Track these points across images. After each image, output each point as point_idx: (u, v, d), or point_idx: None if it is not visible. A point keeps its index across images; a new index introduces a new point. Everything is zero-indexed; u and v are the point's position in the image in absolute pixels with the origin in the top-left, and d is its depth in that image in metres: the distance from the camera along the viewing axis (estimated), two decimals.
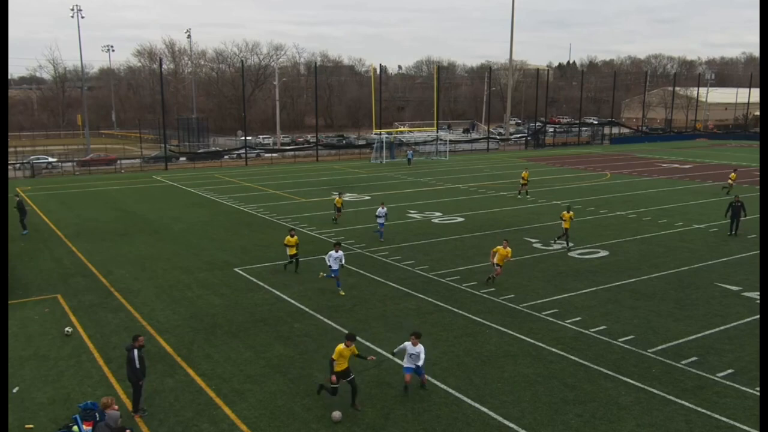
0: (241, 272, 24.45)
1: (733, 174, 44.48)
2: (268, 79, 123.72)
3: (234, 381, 15.10)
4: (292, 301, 20.82)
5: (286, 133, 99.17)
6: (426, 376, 14.77)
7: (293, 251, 23.94)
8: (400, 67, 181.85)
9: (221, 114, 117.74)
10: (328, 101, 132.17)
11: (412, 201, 40.42)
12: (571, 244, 27.80)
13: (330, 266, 21.45)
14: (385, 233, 30.75)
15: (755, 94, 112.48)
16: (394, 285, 22.53)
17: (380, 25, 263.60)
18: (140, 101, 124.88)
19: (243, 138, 73.18)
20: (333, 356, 13.59)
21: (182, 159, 69.05)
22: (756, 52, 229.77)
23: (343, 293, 21.33)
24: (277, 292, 21.85)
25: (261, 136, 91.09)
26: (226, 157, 70.59)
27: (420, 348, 14.41)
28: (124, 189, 47.98)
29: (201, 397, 14.37)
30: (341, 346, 13.62)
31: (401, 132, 79.53)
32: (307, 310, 20.04)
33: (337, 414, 13.21)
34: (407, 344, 14.55)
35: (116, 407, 11.84)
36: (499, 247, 22.56)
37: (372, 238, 29.66)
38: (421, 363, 14.42)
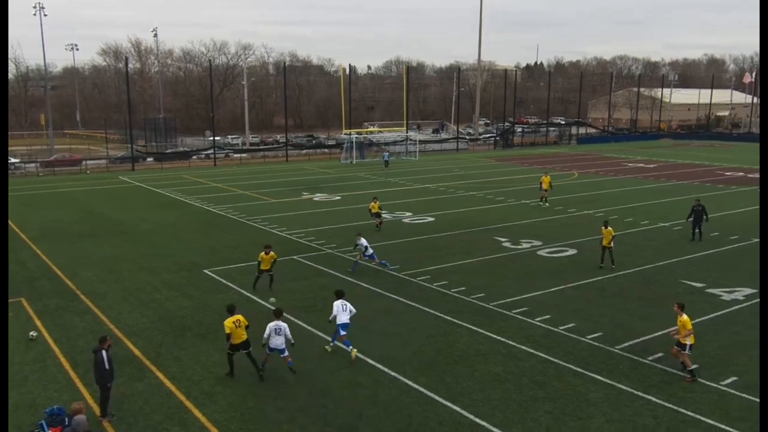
0: (210, 273, 24.22)
1: None
2: (236, 78, 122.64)
3: (204, 383, 14.95)
4: (262, 302, 20.67)
5: (255, 133, 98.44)
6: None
7: (267, 266, 22.01)
8: (369, 67, 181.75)
9: (189, 114, 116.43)
10: (297, 101, 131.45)
11: (382, 201, 40.26)
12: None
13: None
14: (352, 231, 30.67)
15: (717, 95, 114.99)
16: (364, 285, 22.52)
17: (349, 25, 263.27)
18: (106, 100, 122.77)
19: (211, 138, 72.47)
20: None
21: (149, 159, 68.13)
22: (717, 53, 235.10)
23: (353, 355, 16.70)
24: (247, 293, 21.69)
25: (230, 136, 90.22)
26: (194, 157, 69.83)
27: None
28: (90, 190, 47.16)
29: (170, 400, 14.20)
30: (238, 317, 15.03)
31: (371, 132, 79.53)
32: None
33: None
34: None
35: (85, 412, 11.64)
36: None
37: (343, 238, 29.60)
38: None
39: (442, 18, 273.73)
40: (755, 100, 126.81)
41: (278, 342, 15.16)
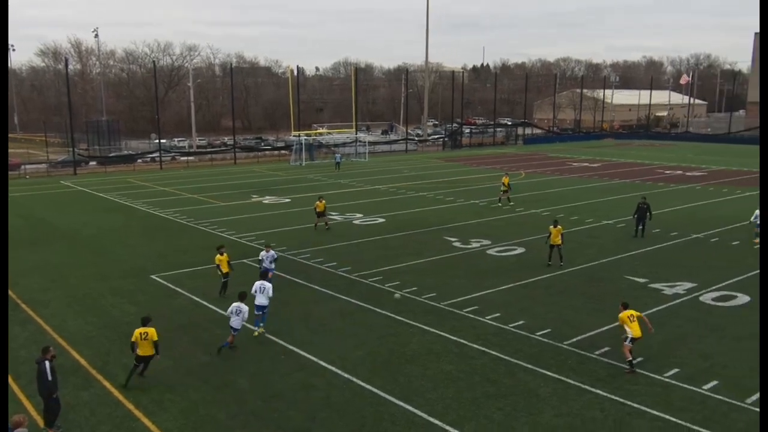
0: (157, 279, 23.75)
1: None
2: (181, 80, 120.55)
3: (153, 391, 14.66)
4: (213, 307, 20.41)
5: (202, 135, 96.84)
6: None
7: (226, 269, 21.36)
8: (317, 68, 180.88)
9: (133, 116, 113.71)
10: (244, 103, 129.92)
11: (332, 203, 40.33)
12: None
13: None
14: (306, 234, 30.64)
15: (656, 96, 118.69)
16: (316, 287, 22.46)
17: (296, 27, 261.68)
18: (45, 102, 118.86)
19: (157, 141, 71.02)
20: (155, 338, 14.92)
21: (92, 163, 66.28)
22: (656, 55, 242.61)
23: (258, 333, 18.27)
24: (197, 298, 21.36)
25: (176, 139, 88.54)
26: (139, 160, 68.30)
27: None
28: (30, 195, 45.63)
29: (119, 409, 13.87)
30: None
31: (320, 134, 79.27)
32: (227, 315, 19.62)
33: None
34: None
35: (26, 425, 11.27)
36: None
37: (293, 240, 29.44)
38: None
39: (388, 19, 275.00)
40: (692, 100, 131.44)
41: (235, 322, 16.70)
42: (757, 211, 28.36)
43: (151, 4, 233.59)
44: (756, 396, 14.15)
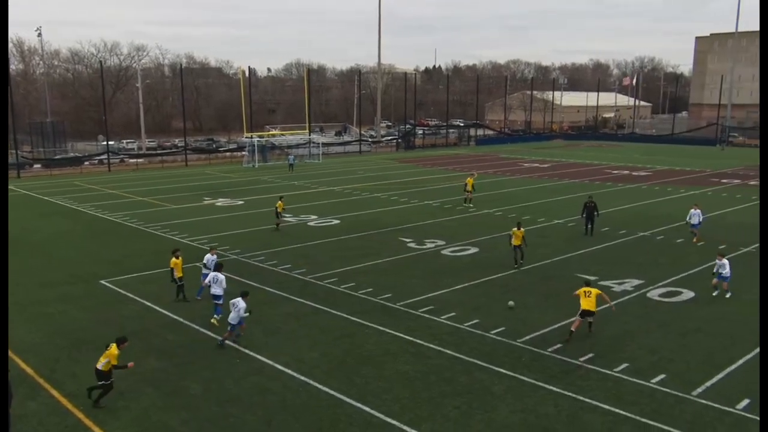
0: (107, 284, 23.19)
1: None
2: (130, 80, 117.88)
3: (103, 399, 14.30)
4: (165, 312, 20.05)
5: (151, 137, 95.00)
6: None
7: (180, 274, 20.99)
8: (269, 69, 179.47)
9: (79, 117, 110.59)
10: (195, 104, 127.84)
11: (287, 204, 40.06)
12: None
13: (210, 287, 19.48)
14: (260, 237, 30.38)
15: (603, 98, 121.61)
16: (270, 290, 22.28)
17: (247, 27, 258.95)
18: None
19: (105, 143, 69.35)
20: (114, 362, 13.90)
21: (37, 166, 64.28)
22: (602, 58, 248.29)
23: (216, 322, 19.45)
24: (148, 303, 20.94)
25: (125, 141, 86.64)
26: (86, 163, 66.57)
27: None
28: None
29: (68, 419, 13.50)
30: (116, 350, 14.02)
31: (273, 135, 78.64)
32: (181, 320, 19.37)
33: None
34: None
35: None
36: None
37: (247, 243, 29.15)
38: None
39: (340, 20, 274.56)
40: (637, 102, 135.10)
41: (231, 317, 16.98)
42: (692, 211, 29.27)
43: (97, 3, 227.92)
44: (702, 388, 14.64)
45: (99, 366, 13.96)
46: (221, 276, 19.23)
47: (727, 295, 21.10)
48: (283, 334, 18.22)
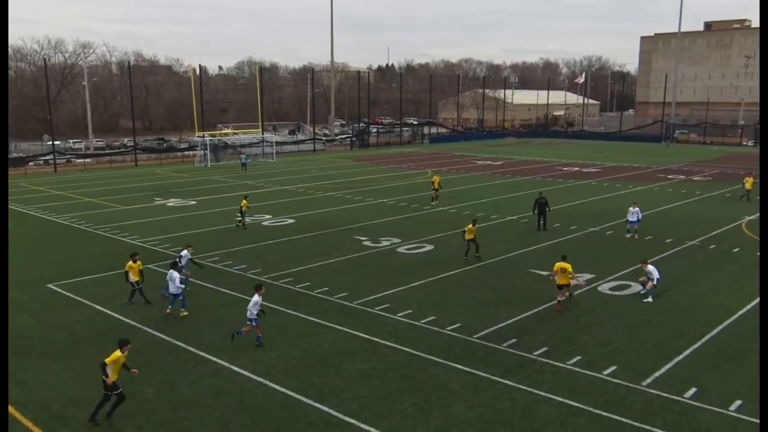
0: (55, 288, 22.55)
1: (749, 179, 40.89)
2: (76, 78, 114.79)
3: (54, 406, 13.92)
4: (117, 316, 19.61)
5: (99, 136, 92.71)
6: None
7: (137, 277, 20.51)
8: (220, 67, 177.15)
9: (22, 116, 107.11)
10: (145, 102, 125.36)
11: (239, 204, 39.63)
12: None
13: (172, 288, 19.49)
14: (214, 237, 30.00)
15: (553, 96, 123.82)
16: (226, 291, 22.02)
17: (198, 25, 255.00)
18: None
19: (50, 142, 67.37)
20: (108, 361, 13.25)
21: None
22: (552, 57, 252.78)
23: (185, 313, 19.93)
24: (99, 307, 20.44)
25: (71, 141, 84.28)
26: (31, 163, 64.53)
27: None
28: None
29: (15, 428, 13.08)
30: (120, 353, 13.38)
31: (226, 134, 77.65)
32: (133, 323, 18.97)
33: None
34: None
35: None
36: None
37: (201, 244, 28.71)
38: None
39: (292, 18, 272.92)
40: (586, 100, 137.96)
41: (249, 313, 17.21)
42: (631, 209, 29.94)
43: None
44: (651, 379, 15.06)
45: (104, 377, 13.27)
46: (176, 274, 19.46)
47: (648, 299, 20.84)
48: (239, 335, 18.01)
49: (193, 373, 15.62)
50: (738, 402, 13.89)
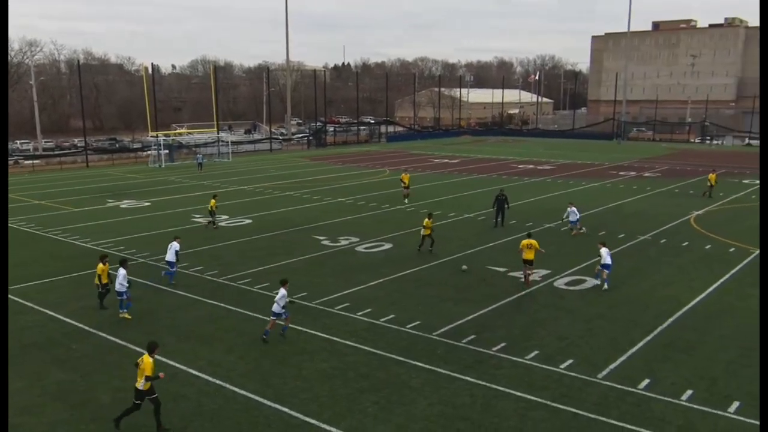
0: None
1: (712, 175, 41.94)
2: (22, 78, 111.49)
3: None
4: (69, 320, 19.12)
5: (48, 137, 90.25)
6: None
7: (106, 280, 20.13)
8: (174, 66, 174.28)
9: None
10: (95, 102, 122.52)
11: (196, 205, 39.11)
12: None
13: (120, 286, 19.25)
14: (170, 239, 29.47)
15: (508, 95, 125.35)
16: (182, 293, 21.67)
17: (149, 23, 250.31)
18: None
19: None
20: (148, 372, 12.76)
21: None
22: (506, 56, 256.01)
23: (129, 317, 19.79)
24: (50, 312, 19.89)
25: (18, 141, 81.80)
26: None
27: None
28: None
29: None
30: (149, 358, 12.90)
31: (180, 134, 76.43)
32: (86, 328, 18.53)
33: None
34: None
35: None
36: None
37: (155, 246, 28.21)
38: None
39: (246, 17, 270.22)
40: (540, 99, 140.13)
41: (274, 307, 17.31)
42: (569, 209, 30.53)
43: None
44: (606, 371, 15.40)
45: (139, 386, 12.83)
46: (122, 271, 19.18)
47: (604, 287, 21.62)
48: (196, 338, 17.76)
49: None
50: (689, 391, 14.31)
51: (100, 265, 20.13)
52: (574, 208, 30.48)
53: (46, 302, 20.76)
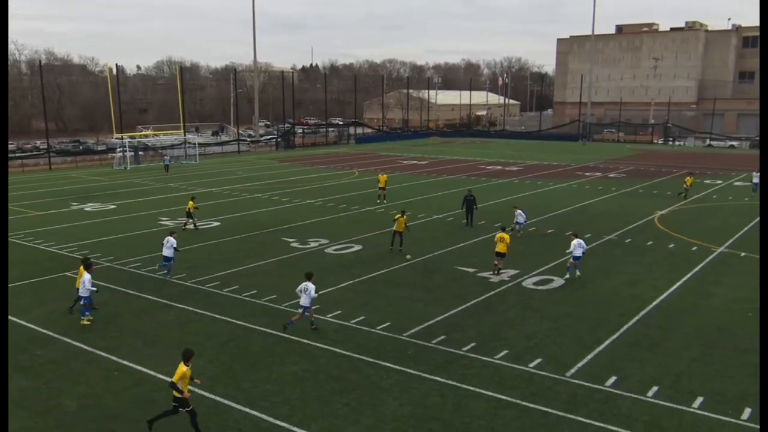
0: None
1: (689, 178, 42.84)
2: None
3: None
4: (32, 326, 18.72)
5: (9, 139, 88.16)
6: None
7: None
8: (139, 67, 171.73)
9: None
10: (58, 103, 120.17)
11: (163, 208, 38.64)
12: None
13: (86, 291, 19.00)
14: (136, 242, 29.13)
15: (475, 97, 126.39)
16: (149, 297, 21.38)
17: (113, 23, 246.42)
18: None
19: None
20: (175, 379, 12.53)
21: None
22: (473, 58, 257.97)
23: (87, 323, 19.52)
24: (13, 318, 19.43)
25: None
26: None
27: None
28: None
29: None
30: (183, 366, 12.64)
31: (146, 136, 75.38)
32: (50, 334, 18.16)
33: None
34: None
35: None
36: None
37: (122, 249, 27.80)
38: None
39: (212, 17, 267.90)
40: (507, 100, 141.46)
41: (303, 300, 17.89)
42: (517, 212, 30.67)
43: None
44: (574, 369, 15.62)
45: (177, 394, 12.58)
46: (87, 275, 18.88)
47: (576, 274, 23.20)
48: (164, 342, 17.55)
49: (117, 383, 15.10)
50: (655, 388, 14.59)
51: (81, 267, 19.77)
52: (520, 211, 30.63)
53: (9, 308, 20.28)
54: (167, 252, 23.30)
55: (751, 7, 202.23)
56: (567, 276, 23.05)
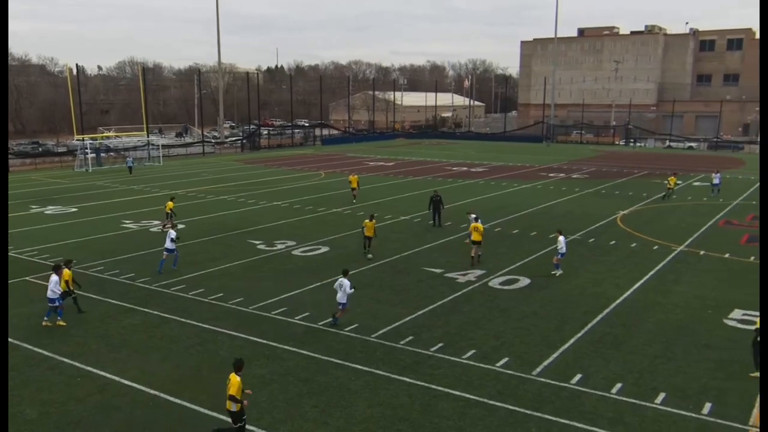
0: None
1: (672, 178, 43.18)
2: None
3: None
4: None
5: None
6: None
7: (73, 286, 19.75)
8: (100, 67, 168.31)
9: None
10: (16, 104, 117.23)
11: (126, 210, 38.02)
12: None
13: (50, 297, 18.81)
14: (98, 245, 28.62)
15: (441, 98, 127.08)
16: (113, 301, 21.02)
17: (73, 22, 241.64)
18: None
19: None
20: (232, 392, 12.20)
21: None
22: (438, 60, 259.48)
23: (57, 324, 19.14)
24: None
25: None
26: None
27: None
28: None
29: None
30: (236, 377, 12.31)
31: (108, 137, 74.06)
32: (11, 340, 17.72)
33: None
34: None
35: None
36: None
37: (84, 253, 27.28)
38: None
39: (175, 17, 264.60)
40: (472, 102, 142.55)
41: (339, 296, 18.42)
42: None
43: None
44: (540, 368, 15.83)
45: (231, 408, 12.26)
46: (54, 278, 18.82)
47: (558, 273, 23.89)
48: (129, 347, 17.27)
49: (79, 389, 14.82)
50: (618, 385, 14.87)
51: (66, 270, 19.49)
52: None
53: None
54: (168, 244, 24.34)
55: (708, 11, 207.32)
56: (560, 272, 23.97)
